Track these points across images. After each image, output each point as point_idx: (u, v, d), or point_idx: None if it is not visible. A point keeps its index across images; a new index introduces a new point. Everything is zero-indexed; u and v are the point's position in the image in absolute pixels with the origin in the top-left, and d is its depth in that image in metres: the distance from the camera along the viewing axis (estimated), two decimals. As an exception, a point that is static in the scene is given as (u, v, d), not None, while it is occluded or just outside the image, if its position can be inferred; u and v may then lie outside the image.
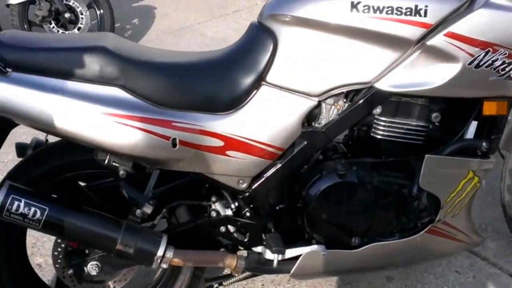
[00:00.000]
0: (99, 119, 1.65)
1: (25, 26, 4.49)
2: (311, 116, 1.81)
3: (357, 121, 1.82)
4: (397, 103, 1.80)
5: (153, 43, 5.14)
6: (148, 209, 1.75)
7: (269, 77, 1.75)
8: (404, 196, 1.88)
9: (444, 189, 1.87)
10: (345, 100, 1.80)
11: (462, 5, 1.67)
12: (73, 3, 4.66)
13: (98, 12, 4.77)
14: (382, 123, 1.82)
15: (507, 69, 1.69)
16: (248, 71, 1.76)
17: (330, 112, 1.81)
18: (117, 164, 1.76)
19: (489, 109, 1.79)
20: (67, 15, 4.60)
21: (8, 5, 4.45)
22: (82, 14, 4.69)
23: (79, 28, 4.66)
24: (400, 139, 1.83)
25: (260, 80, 1.75)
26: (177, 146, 1.71)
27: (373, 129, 1.84)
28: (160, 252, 1.75)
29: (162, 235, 1.79)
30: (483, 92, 1.76)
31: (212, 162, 1.77)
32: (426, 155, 1.80)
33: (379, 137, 1.83)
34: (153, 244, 1.76)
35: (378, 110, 1.79)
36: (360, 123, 1.87)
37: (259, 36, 1.77)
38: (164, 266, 1.79)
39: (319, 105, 1.80)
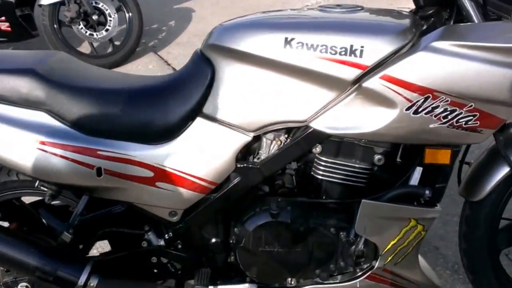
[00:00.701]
0: (23, 144, 1.65)
1: (55, 26, 4.59)
2: (248, 151, 1.75)
3: (294, 159, 1.75)
4: (338, 143, 1.72)
5: (183, 45, 5.18)
6: (66, 238, 1.72)
7: (205, 109, 1.71)
8: (341, 240, 1.79)
9: (382, 236, 1.77)
10: (286, 136, 1.74)
11: (402, 47, 1.58)
12: (102, 5, 4.74)
13: (127, 15, 4.82)
14: (323, 163, 1.74)
15: (449, 117, 1.58)
16: (184, 102, 1.71)
17: (268, 148, 1.75)
18: (45, 189, 1.74)
19: (430, 157, 1.68)
20: (95, 17, 4.66)
21: (40, 5, 4.56)
22: (110, 16, 4.75)
23: (107, 30, 4.71)
24: (341, 180, 1.75)
25: (195, 112, 1.71)
26: (102, 175, 1.69)
27: (313, 168, 1.76)
28: (81, 281, 1.73)
29: (88, 262, 1.77)
30: (423, 139, 1.65)
31: (142, 192, 1.73)
32: (362, 200, 1.71)
33: (319, 177, 1.75)
34: (75, 271, 1.74)
35: (318, 149, 1.72)
36: (302, 161, 1.80)
37: (199, 66, 1.73)
38: (88, 294, 1.77)
39: (256, 140, 1.74)
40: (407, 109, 1.57)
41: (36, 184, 1.75)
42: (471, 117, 1.59)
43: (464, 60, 1.54)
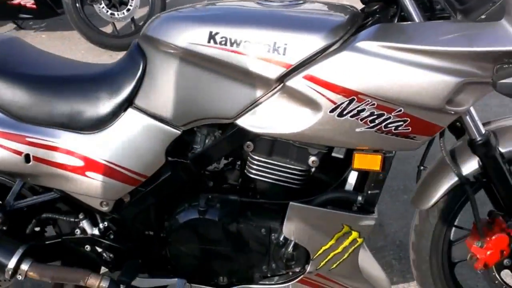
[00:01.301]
0: None
1: (77, 5, 4.63)
2: (182, 145, 1.71)
3: (225, 156, 1.70)
4: (271, 142, 1.65)
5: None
6: None
7: (137, 101, 1.67)
8: (272, 242, 1.73)
9: (312, 241, 1.69)
10: (220, 132, 1.68)
11: (331, 45, 1.48)
12: (124, -16, 4.73)
13: None
14: (255, 162, 1.68)
15: (376, 121, 1.48)
16: (116, 92, 1.68)
17: (203, 143, 1.70)
18: None
19: (359, 162, 1.58)
20: (116, -4, 4.68)
21: (63, -16, 4.60)
22: (132, -4, 4.74)
23: (128, 10, 4.72)
24: (274, 180, 1.68)
25: (127, 103, 1.68)
26: (31, 162, 1.68)
27: (247, 167, 1.70)
28: (12, 264, 1.74)
29: (19, 246, 1.77)
30: (351, 144, 1.56)
31: (72, 181, 1.72)
32: (290, 203, 1.64)
33: (252, 176, 1.69)
34: (6, 254, 1.75)
35: (249, 147, 1.65)
36: (235, 159, 1.75)
37: (133, 57, 1.69)
38: (20, 278, 1.78)
39: (190, 134, 1.70)
40: (331, 111, 1.48)
41: None
42: (401, 123, 1.49)
43: (391, 62, 1.43)
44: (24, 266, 1.76)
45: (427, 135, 1.53)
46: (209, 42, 1.53)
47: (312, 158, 1.65)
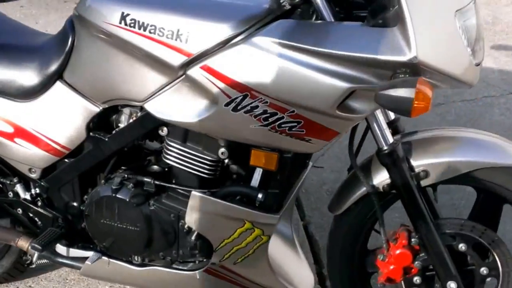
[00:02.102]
0: None
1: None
2: (103, 122, 1.75)
3: (139, 137, 1.72)
4: (185, 129, 1.65)
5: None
6: None
7: (65, 75, 1.73)
8: (180, 229, 1.74)
9: (214, 233, 1.69)
10: (139, 112, 1.71)
11: (235, 37, 1.45)
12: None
13: None
14: (170, 147, 1.69)
15: (269, 119, 1.45)
16: (48, 64, 1.74)
17: (123, 123, 1.74)
18: None
19: (255, 159, 1.56)
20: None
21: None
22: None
23: None
24: (186, 168, 1.68)
25: (56, 76, 1.73)
26: (-33, 126, 1.79)
27: (163, 151, 1.72)
28: None
29: None
30: (247, 140, 1.53)
31: (2, 145, 1.81)
32: (192, 192, 1.65)
33: (167, 160, 1.71)
34: None
35: (164, 131, 1.67)
36: (154, 141, 1.77)
37: (66, 32, 1.73)
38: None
39: (114, 112, 1.73)
40: (226, 104, 1.47)
41: None
42: (295, 124, 1.45)
43: (284, 61, 1.39)
44: None
45: (322, 139, 1.48)
46: (120, 23, 1.54)
47: (221, 150, 1.64)
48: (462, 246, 1.63)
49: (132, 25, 1.53)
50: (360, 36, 1.37)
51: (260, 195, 1.61)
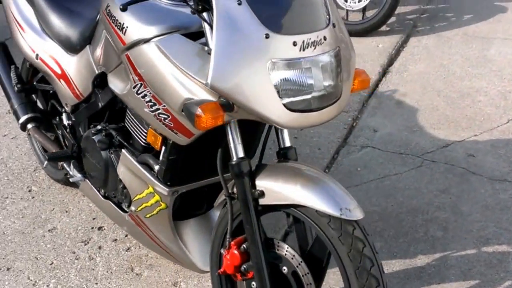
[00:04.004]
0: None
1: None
2: (100, 82, 2.26)
3: (111, 99, 2.22)
4: None
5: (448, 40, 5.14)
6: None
7: (92, 42, 2.33)
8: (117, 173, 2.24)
9: (130, 186, 2.15)
10: None
11: (153, 38, 1.83)
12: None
13: None
14: (127, 113, 2.18)
15: (153, 107, 1.85)
16: (85, 31, 2.35)
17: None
18: None
19: (149, 137, 1.98)
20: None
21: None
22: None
23: (360, 0, 4.96)
24: (132, 132, 2.16)
25: (88, 41, 2.32)
26: (38, 59, 2.54)
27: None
28: (22, 120, 2.70)
29: (30, 112, 2.71)
30: (144, 119, 1.95)
31: (53, 81, 2.53)
32: (123, 150, 2.13)
33: (124, 122, 2.22)
34: (22, 112, 2.71)
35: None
36: None
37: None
38: (26, 133, 2.73)
39: (104, 76, 2.20)
40: (133, 87, 1.90)
41: None
42: (167, 116, 1.82)
43: (161, 68, 1.74)
44: (29, 126, 2.68)
45: (184, 135, 1.82)
46: (108, 16, 2.08)
47: None
48: (284, 268, 1.82)
49: (110, 18, 2.04)
50: (201, 62, 1.68)
51: (156, 167, 2.03)
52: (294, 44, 1.60)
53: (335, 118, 1.81)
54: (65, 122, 2.62)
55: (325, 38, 1.66)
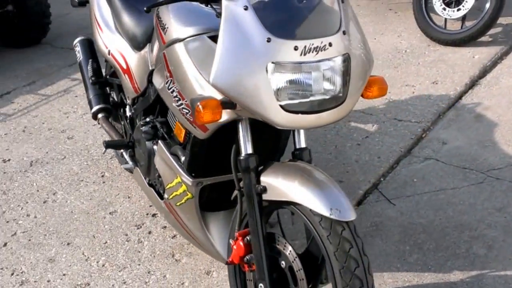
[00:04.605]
0: None
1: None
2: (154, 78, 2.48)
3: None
4: None
5: None
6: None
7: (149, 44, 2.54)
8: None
9: (163, 175, 2.31)
10: None
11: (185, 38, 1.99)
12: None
13: (487, 5, 4.69)
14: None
15: (178, 102, 1.99)
16: (148, 31, 2.57)
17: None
18: None
19: (176, 130, 2.12)
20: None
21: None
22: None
23: (459, 10, 4.80)
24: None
25: (148, 41, 2.55)
26: (109, 55, 2.79)
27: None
28: (94, 109, 2.98)
29: (102, 103, 2.99)
30: (174, 112, 2.10)
31: (120, 75, 2.77)
32: (159, 141, 2.30)
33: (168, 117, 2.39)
34: (96, 102, 2.99)
35: None
36: None
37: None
38: (96, 122, 3.01)
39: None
40: (166, 83, 2.07)
41: None
42: (188, 111, 1.96)
43: (185, 67, 1.89)
44: (100, 115, 2.95)
45: (201, 129, 1.95)
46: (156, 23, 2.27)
47: None
48: (282, 263, 1.88)
49: (158, 19, 2.21)
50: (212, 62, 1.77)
51: (183, 158, 2.17)
52: (295, 48, 1.67)
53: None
54: (127, 113, 2.85)
55: (330, 45, 1.71)
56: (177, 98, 2.01)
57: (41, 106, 4.37)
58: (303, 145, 1.99)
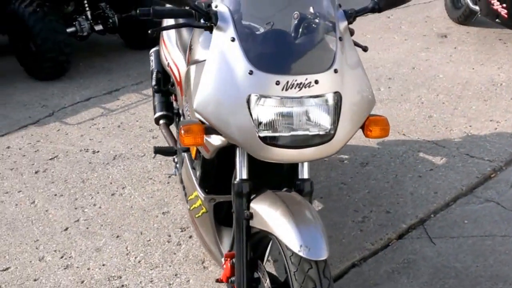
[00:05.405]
0: None
1: None
2: None
3: None
4: None
5: None
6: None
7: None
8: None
9: (187, 188, 2.45)
10: None
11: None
12: None
13: None
14: None
15: (187, 119, 2.13)
16: None
17: None
18: None
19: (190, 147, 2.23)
20: None
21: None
22: None
23: None
24: None
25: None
26: (168, 67, 3.00)
27: None
28: (157, 115, 3.18)
29: (164, 110, 3.19)
30: None
31: (175, 86, 2.96)
32: (183, 153, 2.44)
33: None
34: (159, 109, 3.21)
35: None
36: None
37: None
38: (159, 128, 3.23)
39: None
40: (184, 100, 2.21)
41: None
42: None
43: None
44: (161, 122, 3.17)
45: (205, 150, 2.06)
46: None
47: None
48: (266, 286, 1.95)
49: (189, 40, 2.37)
50: None
51: (198, 173, 2.29)
52: (277, 83, 1.72)
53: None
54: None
55: (316, 82, 1.74)
56: (189, 117, 2.14)
57: (140, 105, 4.73)
58: (305, 176, 1.98)
